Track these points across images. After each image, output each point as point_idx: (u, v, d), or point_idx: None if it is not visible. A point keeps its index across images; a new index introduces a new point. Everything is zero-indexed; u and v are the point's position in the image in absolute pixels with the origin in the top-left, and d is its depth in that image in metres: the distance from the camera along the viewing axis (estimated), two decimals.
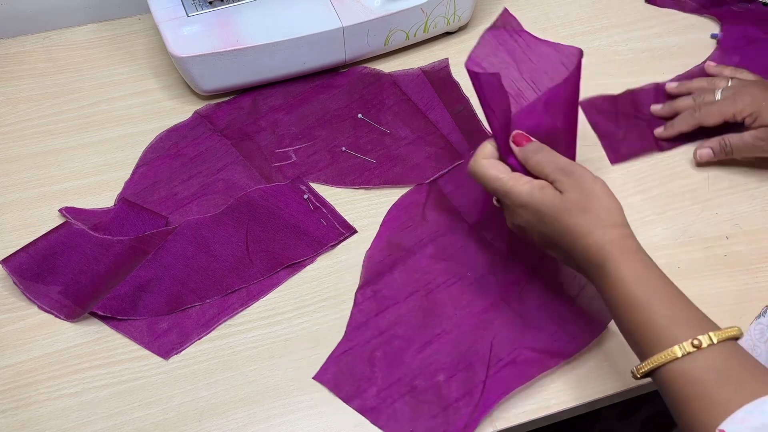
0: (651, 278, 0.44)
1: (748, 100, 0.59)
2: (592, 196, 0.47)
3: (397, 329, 0.55)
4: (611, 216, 0.46)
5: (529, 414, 0.51)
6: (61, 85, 0.73)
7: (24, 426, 0.50)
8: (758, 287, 0.58)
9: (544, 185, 0.49)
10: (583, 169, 0.48)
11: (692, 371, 0.40)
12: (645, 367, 0.42)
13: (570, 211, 0.47)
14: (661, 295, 0.44)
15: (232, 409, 0.51)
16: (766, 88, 0.60)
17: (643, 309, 0.43)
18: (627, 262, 0.45)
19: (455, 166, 0.65)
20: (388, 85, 0.72)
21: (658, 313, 0.43)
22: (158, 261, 0.57)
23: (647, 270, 0.45)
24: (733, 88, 0.62)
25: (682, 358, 0.41)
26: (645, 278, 0.44)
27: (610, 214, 0.46)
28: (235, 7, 0.68)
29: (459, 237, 0.60)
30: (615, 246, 0.45)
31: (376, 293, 0.57)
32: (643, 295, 0.43)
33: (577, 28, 0.79)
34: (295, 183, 0.63)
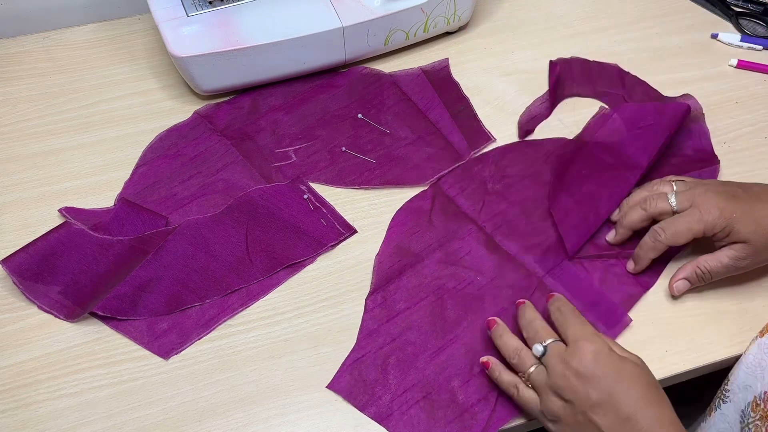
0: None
1: (716, 213, 0.52)
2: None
3: (409, 335, 0.54)
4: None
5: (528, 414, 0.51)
6: (61, 85, 0.73)
7: (24, 426, 0.50)
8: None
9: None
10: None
11: None
12: None
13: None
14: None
15: (232, 409, 0.51)
16: (726, 196, 0.53)
17: None
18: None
19: (457, 167, 0.65)
20: (388, 85, 0.72)
21: None
22: (158, 261, 0.57)
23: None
24: (687, 195, 0.54)
25: None
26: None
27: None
28: (235, 7, 0.68)
29: (467, 242, 0.60)
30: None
31: (386, 299, 0.56)
32: None
33: (577, 28, 0.79)
34: (295, 183, 0.63)
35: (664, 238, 0.54)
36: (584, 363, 0.46)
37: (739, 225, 0.52)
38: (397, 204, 0.63)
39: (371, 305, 0.56)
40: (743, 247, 0.52)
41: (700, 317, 0.56)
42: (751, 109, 0.71)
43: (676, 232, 0.54)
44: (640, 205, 0.57)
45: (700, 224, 0.53)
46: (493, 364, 0.51)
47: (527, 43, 0.77)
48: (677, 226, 0.54)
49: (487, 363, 0.52)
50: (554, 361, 0.47)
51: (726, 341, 0.55)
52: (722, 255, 0.54)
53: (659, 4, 0.82)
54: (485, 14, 0.81)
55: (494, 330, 0.53)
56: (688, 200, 0.54)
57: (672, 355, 0.54)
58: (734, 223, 0.52)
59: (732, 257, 0.53)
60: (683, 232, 0.53)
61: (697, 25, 0.79)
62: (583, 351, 0.46)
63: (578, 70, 0.74)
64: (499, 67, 0.75)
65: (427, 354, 0.54)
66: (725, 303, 0.57)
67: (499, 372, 0.51)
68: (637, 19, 0.80)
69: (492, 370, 0.51)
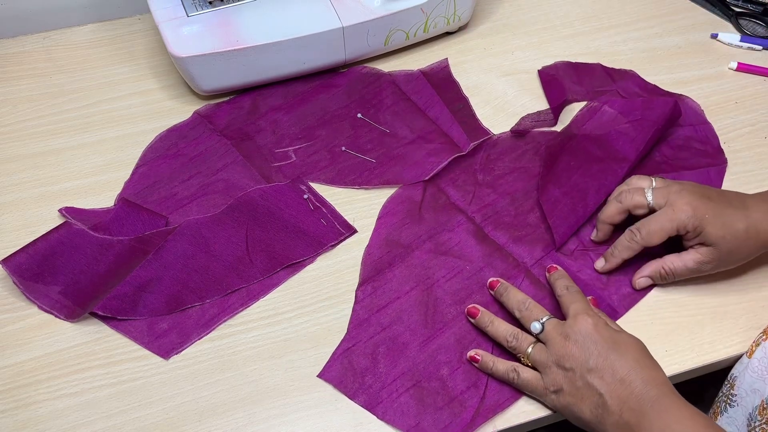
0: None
1: (689, 211, 0.52)
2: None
3: (399, 324, 0.55)
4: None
5: (529, 414, 0.51)
6: (61, 85, 0.73)
7: (24, 426, 0.50)
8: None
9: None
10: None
11: None
12: None
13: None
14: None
15: (232, 409, 0.51)
16: (700, 196, 0.53)
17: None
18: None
19: (452, 159, 0.65)
20: (387, 85, 0.72)
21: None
22: (158, 261, 0.57)
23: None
24: (663, 192, 0.55)
25: None
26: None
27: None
28: (235, 7, 0.68)
29: (456, 233, 0.60)
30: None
31: (376, 290, 0.57)
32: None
33: (577, 28, 0.79)
34: (295, 183, 0.63)
35: (639, 238, 0.55)
36: (583, 332, 0.48)
37: (710, 227, 0.52)
38: None
39: (361, 296, 0.57)
40: (709, 251, 0.53)
41: (700, 317, 0.56)
42: (751, 109, 0.71)
43: (649, 232, 0.54)
44: (616, 198, 0.57)
45: (672, 223, 0.53)
46: (483, 357, 0.52)
47: (527, 43, 0.77)
48: (651, 225, 0.54)
49: (476, 357, 0.52)
50: (553, 334, 0.50)
51: (726, 341, 0.55)
52: (688, 257, 0.54)
53: (659, 4, 0.82)
54: (485, 14, 0.81)
55: (480, 318, 0.53)
56: (664, 197, 0.55)
57: (672, 355, 0.54)
58: (705, 224, 0.52)
59: (697, 261, 0.54)
60: (656, 231, 0.54)
61: (696, 25, 0.79)
62: (583, 322, 0.49)
63: (566, 72, 0.74)
64: (499, 67, 0.75)
65: (417, 343, 0.54)
66: (725, 302, 0.57)
67: (492, 363, 0.52)
68: (637, 19, 0.80)
69: (484, 363, 0.52)
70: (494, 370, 0.52)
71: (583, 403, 0.47)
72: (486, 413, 0.51)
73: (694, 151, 0.66)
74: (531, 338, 0.51)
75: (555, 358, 0.49)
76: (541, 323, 0.51)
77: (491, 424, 0.51)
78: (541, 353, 0.50)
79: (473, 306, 0.54)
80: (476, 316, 0.54)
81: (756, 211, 0.53)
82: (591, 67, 0.74)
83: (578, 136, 0.66)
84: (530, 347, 0.51)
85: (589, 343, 0.48)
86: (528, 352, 0.51)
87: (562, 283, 0.54)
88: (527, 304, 0.53)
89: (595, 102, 0.69)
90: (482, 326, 0.53)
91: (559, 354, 0.49)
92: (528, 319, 0.52)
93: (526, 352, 0.51)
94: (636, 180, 0.58)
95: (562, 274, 0.55)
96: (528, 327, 0.52)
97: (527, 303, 0.53)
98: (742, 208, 0.53)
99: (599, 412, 0.46)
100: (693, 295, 0.57)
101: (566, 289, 0.53)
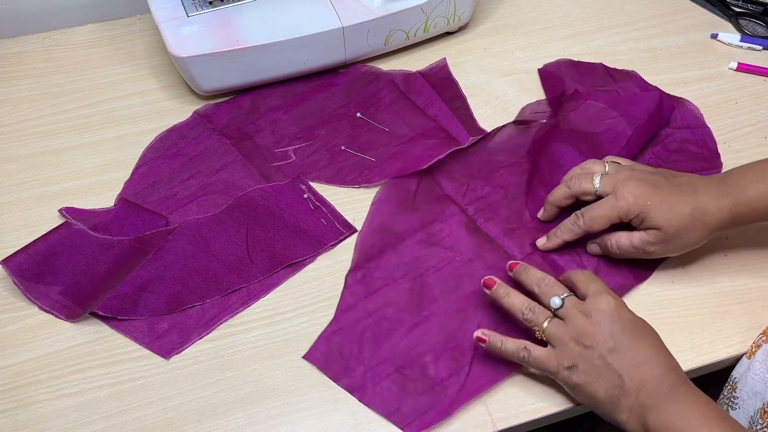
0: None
1: (631, 199, 0.53)
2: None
3: (386, 311, 0.56)
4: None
5: (529, 414, 0.51)
6: (61, 85, 0.73)
7: (24, 426, 0.50)
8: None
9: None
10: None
11: None
12: None
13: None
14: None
15: (232, 409, 0.51)
16: (646, 184, 0.54)
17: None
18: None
19: (449, 153, 0.65)
20: (386, 84, 0.72)
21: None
22: (158, 261, 0.57)
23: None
24: (612, 180, 0.55)
25: None
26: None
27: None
28: (235, 7, 0.68)
29: (449, 224, 0.61)
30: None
31: (366, 276, 0.58)
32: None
33: (577, 28, 0.79)
34: (294, 182, 0.63)
35: (581, 223, 0.56)
36: (606, 312, 0.48)
37: (653, 212, 0.53)
38: None
39: (351, 281, 0.57)
40: (655, 233, 0.54)
41: (700, 317, 0.56)
42: (751, 110, 0.71)
43: (592, 218, 0.55)
44: (566, 183, 0.58)
45: (614, 210, 0.54)
46: (490, 336, 0.51)
47: (527, 43, 0.77)
48: (594, 212, 0.55)
49: (482, 337, 0.52)
50: (573, 311, 0.49)
51: (726, 341, 0.55)
52: (635, 236, 0.55)
53: (659, 4, 0.82)
54: (485, 14, 0.81)
55: (495, 289, 0.53)
56: (611, 185, 0.55)
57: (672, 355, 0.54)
58: (648, 210, 0.53)
59: (642, 240, 0.54)
60: (599, 218, 0.55)
61: (696, 25, 0.79)
62: (605, 301, 0.49)
63: (567, 71, 0.74)
64: (499, 67, 0.75)
65: (402, 329, 0.55)
66: (725, 303, 0.57)
67: (501, 342, 0.51)
68: (637, 19, 0.80)
69: (492, 342, 0.51)
70: (503, 349, 0.51)
71: (599, 382, 0.47)
72: (464, 398, 0.51)
73: (689, 154, 0.66)
74: (548, 312, 0.51)
75: (573, 334, 0.48)
76: (561, 298, 0.50)
77: (492, 424, 0.51)
78: (558, 327, 0.49)
79: (489, 278, 0.53)
80: (492, 287, 0.53)
81: (703, 194, 0.53)
82: (593, 66, 0.74)
83: (564, 130, 0.66)
84: (546, 321, 0.50)
85: (611, 323, 0.48)
86: (544, 326, 0.50)
87: (575, 271, 0.54)
88: (547, 280, 0.52)
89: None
90: (498, 297, 0.53)
91: (578, 330, 0.48)
92: (547, 295, 0.51)
93: (542, 325, 0.50)
94: (590, 164, 0.58)
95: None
96: (546, 302, 0.51)
97: (547, 279, 0.52)
98: (690, 193, 0.53)
99: (615, 392, 0.46)
100: (693, 295, 0.57)
101: (582, 273, 0.52)
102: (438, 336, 0.54)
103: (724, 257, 0.59)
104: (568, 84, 0.72)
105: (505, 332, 0.53)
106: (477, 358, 0.53)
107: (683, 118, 0.68)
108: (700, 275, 0.58)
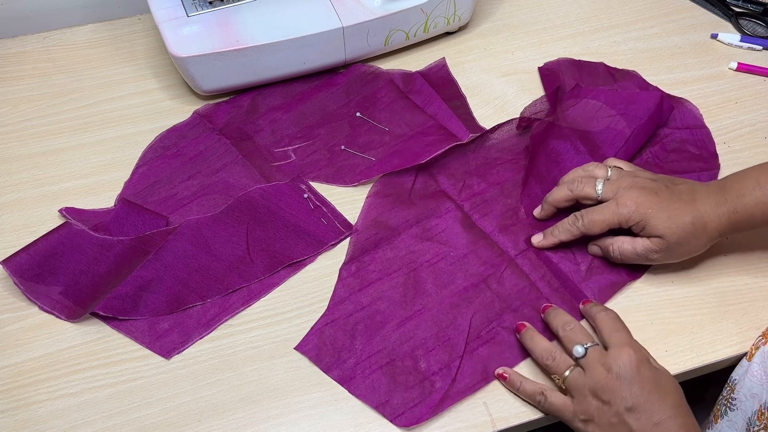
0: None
1: (632, 207, 0.53)
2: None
3: (378, 304, 0.56)
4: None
5: (529, 414, 0.51)
6: (61, 85, 0.73)
7: (24, 426, 0.50)
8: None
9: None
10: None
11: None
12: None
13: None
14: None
15: (232, 409, 0.51)
16: (648, 192, 0.54)
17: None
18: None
19: (447, 149, 0.65)
20: (385, 84, 0.72)
21: None
22: (159, 261, 0.57)
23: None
24: (614, 186, 0.55)
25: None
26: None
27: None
28: (235, 7, 0.68)
29: (444, 219, 0.61)
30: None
31: (360, 269, 0.58)
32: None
33: (577, 28, 0.79)
34: (295, 182, 0.63)
35: (580, 225, 0.56)
36: (627, 368, 0.47)
37: (654, 221, 0.53)
38: None
39: (345, 274, 0.58)
40: (658, 241, 0.54)
41: (700, 317, 0.56)
42: (751, 110, 0.71)
43: (591, 221, 0.55)
44: (568, 185, 0.58)
45: (614, 217, 0.54)
46: (511, 375, 0.52)
47: (527, 43, 0.77)
48: (594, 215, 0.55)
49: (504, 375, 0.52)
50: (595, 363, 0.49)
51: (726, 341, 0.55)
52: (638, 243, 0.55)
53: (659, 4, 0.82)
54: (485, 14, 0.81)
55: (524, 332, 0.53)
56: (613, 191, 0.55)
57: (672, 355, 0.54)
58: (649, 218, 0.53)
59: (645, 248, 0.54)
60: (598, 222, 0.55)
61: (696, 25, 0.79)
62: (626, 356, 0.48)
63: (568, 69, 0.74)
64: (499, 67, 0.75)
65: (394, 323, 0.55)
66: (726, 303, 0.57)
67: (520, 382, 0.51)
68: (637, 19, 0.80)
69: (512, 381, 0.51)
70: (521, 389, 0.51)
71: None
72: (455, 396, 0.51)
73: (687, 155, 0.66)
74: (570, 361, 0.50)
75: (593, 387, 0.48)
76: (585, 348, 0.50)
77: (492, 424, 0.51)
78: (578, 378, 0.49)
79: (521, 323, 0.54)
80: (521, 331, 0.53)
81: (703, 204, 0.53)
82: (593, 66, 0.74)
83: (563, 127, 0.65)
84: (568, 370, 0.50)
85: (631, 380, 0.47)
86: (565, 374, 0.50)
87: (598, 306, 0.53)
88: (572, 325, 0.52)
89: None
90: (524, 341, 0.53)
91: (598, 384, 0.47)
92: (571, 341, 0.51)
93: (562, 374, 0.50)
94: (592, 168, 0.58)
95: (595, 303, 0.54)
96: (569, 348, 0.51)
97: (572, 324, 0.52)
98: (690, 201, 0.53)
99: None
100: (693, 295, 0.57)
101: (604, 312, 0.52)
102: (430, 330, 0.55)
103: (724, 257, 0.59)
104: (567, 82, 0.72)
105: (497, 329, 0.54)
106: (468, 354, 0.53)
107: (682, 119, 0.68)
108: (700, 275, 0.58)
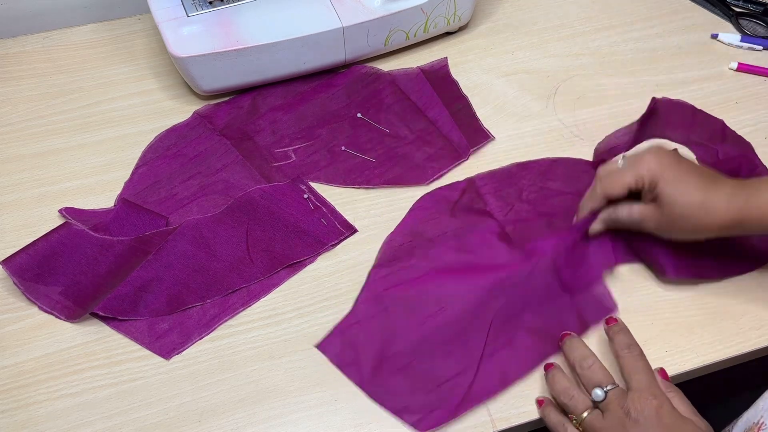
0: None
1: (651, 165, 0.52)
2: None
3: (402, 308, 0.55)
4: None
5: (529, 414, 0.51)
6: (61, 85, 0.73)
7: (24, 426, 0.50)
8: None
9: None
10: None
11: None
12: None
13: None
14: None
15: (232, 409, 0.51)
16: (672, 157, 0.53)
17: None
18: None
19: (499, 169, 0.65)
20: (386, 85, 0.72)
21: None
22: (159, 261, 0.57)
23: None
24: (635, 155, 0.54)
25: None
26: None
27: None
28: (235, 7, 0.68)
29: (483, 236, 0.60)
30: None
31: (389, 274, 0.57)
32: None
33: (577, 28, 0.79)
34: (295, 183, 0.63)
35: (599, 188, 0.55)
36: (646, 414, 0.46)
37: (665, 185, 0.51)
38: (398, 203, 0.63)
39: (373, 276, 0.57)
40: (657, 207, 0.52)
41: (700, 317, 0.56)
42: (751, 110, 0.71)
43: (611, 181, 0.54)
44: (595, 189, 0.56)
45: (632, 173, 0.53)
46: (546, 403, 0.51)
47: (527, 43, 0.77)
48: (613, 175, 0.54)
49: (542, 401, 0.51)
50: (615, 406, 0.47)
51: (726, 341, 0.55)
52: (635, 207, 0.54)
53: (659, 4, 0.82)
54: (485, 14, 0.81)
55: (549, 372, 0.52)
56: (633, 159, 0.54)
57: (672, 355, 0.54)
58: (660, 180, 0.51)
59: (641, 212, 0.54)
60: (617, 180, 0.54)
61: (697, 25, 0.79)
62: (647, 402, 0.46)
63: (681, 115, 0.68)
64: (499, 67, 0.75)
65: (414, 326, 0.54)
66: (726, 303, 0.57)
67: (549, 411, 0.50)
68: (637, 19, 0.80)
69: (544, 407, 0.51)
70: (547, 417, 0.50)
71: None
72: (472, 400, 0.51)
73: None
74: (588, 402, 0.49)
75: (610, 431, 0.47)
76: (605, 391, 0.48)
77: (492, 424, 0.51)
78: (596, 422, 0.47)
79: (551, 363, 0.53)
80: (548, 370, 0.52)
81: (720, 190, 0.51)
82: (711, 120, 0.68)
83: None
84: (586, 412, 0.48)
85: (650, 427, 0.45)
86: (583, 416, 0.48)
87: (623, 340, 0.51)
88: (589, 361, 0.50)
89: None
90: (547, 378, 0.52)
91: (616, 429, 0.46)
92: (589, 380, 0.49)
93: (580, 415, 0.48)
94: (607, 167, 0.57)
95: (622, 328, 0.52)
96: (588, 388, 0.49)
97: (589, 360, 0.50)
98: (710, 182, 0.51)
99: None
100: (693, 295, 0.57)
101: (628, 350, 0.50)
102: (449, 334, 0.54)
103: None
104: (665, 125, 0.66)
105: (516, 332, 0.54)
106: (486, 356, 0.53)
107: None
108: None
